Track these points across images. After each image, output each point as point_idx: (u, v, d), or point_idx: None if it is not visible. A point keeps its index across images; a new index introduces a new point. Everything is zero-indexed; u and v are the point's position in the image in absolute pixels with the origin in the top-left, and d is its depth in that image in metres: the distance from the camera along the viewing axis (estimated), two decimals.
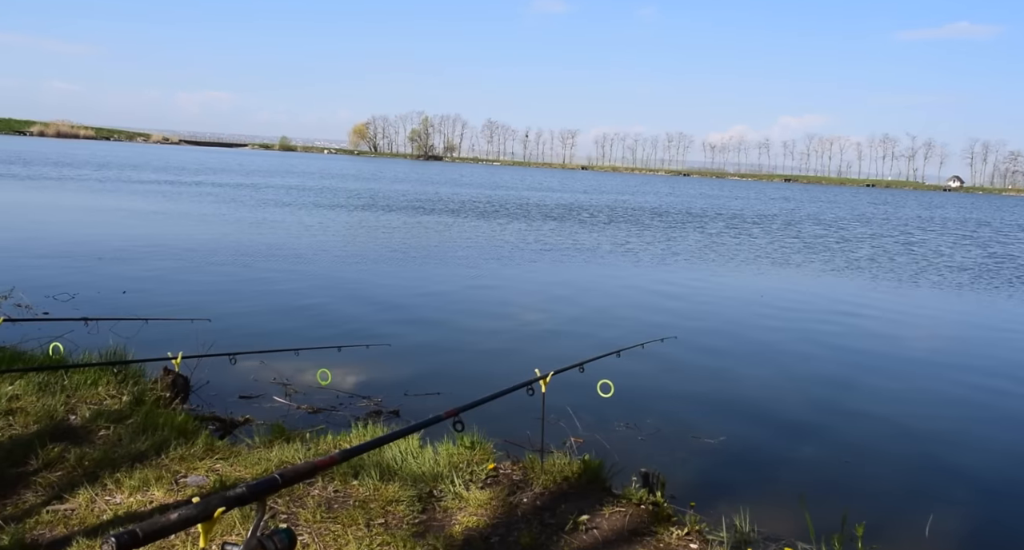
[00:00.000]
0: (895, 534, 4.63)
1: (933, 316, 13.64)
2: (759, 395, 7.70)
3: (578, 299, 12.83)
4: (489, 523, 3.93)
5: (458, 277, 14.23)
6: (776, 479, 5.59)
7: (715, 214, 39.03)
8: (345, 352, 7.25)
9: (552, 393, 5.85)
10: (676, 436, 6.25)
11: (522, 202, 40.61)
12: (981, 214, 58.98)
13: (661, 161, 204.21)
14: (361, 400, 6.71)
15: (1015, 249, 27.61)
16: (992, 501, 5.44)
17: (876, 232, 32.91)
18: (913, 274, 18.44)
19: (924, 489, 5.54)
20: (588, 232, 24.92)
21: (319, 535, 3.63)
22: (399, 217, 26.77)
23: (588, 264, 17.06)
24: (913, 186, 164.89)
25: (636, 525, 3.99)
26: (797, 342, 10.16)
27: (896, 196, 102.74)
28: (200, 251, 15.26)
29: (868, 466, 5.91)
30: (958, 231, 36.10)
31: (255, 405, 6.44)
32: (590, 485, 4.47)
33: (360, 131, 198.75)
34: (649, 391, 7.46)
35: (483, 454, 4.79)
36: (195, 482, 4.01)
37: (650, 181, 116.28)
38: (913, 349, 10.44)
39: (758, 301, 13.47)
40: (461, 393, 6.30)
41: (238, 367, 6.61)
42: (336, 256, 15.90)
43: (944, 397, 7.95)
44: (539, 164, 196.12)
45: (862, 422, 6.97)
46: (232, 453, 4.56)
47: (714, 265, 18.20)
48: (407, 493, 4.13)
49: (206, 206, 26.43)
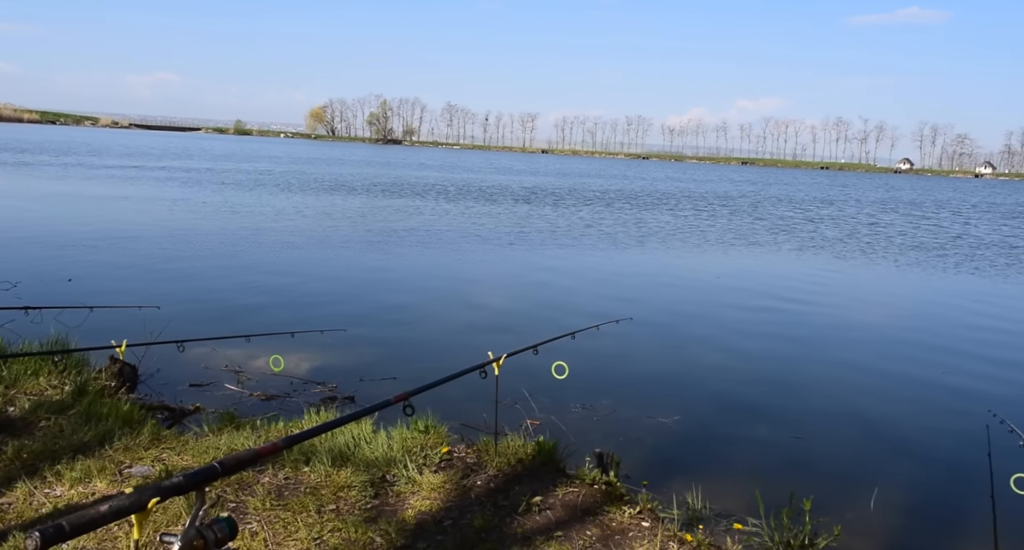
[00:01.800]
0: (841, 508, 4.73)
1: (888, 295, 13.97)
2: (713, 375, 7.81)
3: (537, 282, 12.85)
4: (442, 507, 3.92)
5: (415, 261, 14.13)
6: (728, 457, 5.68)
7: (682, 196, 39.39)
8: (299, 338, 7.14)
9: (508, 376, 5.84)
10: (631, 416, 6.31)
11: (485, 186, 40.48)
12: (939, 195, 60.78)
13: (620, 144, 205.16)
14: (315, 386, 6.64)
15: (973, 229, 28.41)
16: (932, 474, 5.62)
17: (839, 214, 33.61)
18: (871, 254, 18.87)
19: (870, 464, 5.68)
20: (549, 215, 24.94)
21: (268, 523, 3.58)
22: (357, 201, 26.46)
23: (546, 247, 17.08)
24: (865, 168, 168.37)
25: (589, 505, 4.02)
26: (751, 322, 10.32)
27: (853, 178, 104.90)
28: (152, 237, 14.90)
29: (817, 443, 6.04)
30: (916, 212, 37.02)
31: (206, 393, 6.32)
32: (544, 466, 4.48)
33: (317, 115, 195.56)
34: (605, 372, 7.51)
35: (437, 438, 4.77)
36: (140, 473, 3.92)
37: (612, 164, 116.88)
38: (866, 328, 10.68)
39: (715, 282, 13.64)
40: (417, 378, 6.18)
41: (188, 355, 6.47)
42: (291, 241, 15.65)
43: (892, 375, 8.14)
44: (499, 148, 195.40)
45: (812, 400, 7.12)
46: (180, 442, 4.47)
47: (673, 247, 18.37)
48: (359, 478, 4.09)
49: (162, 190, 25.81)
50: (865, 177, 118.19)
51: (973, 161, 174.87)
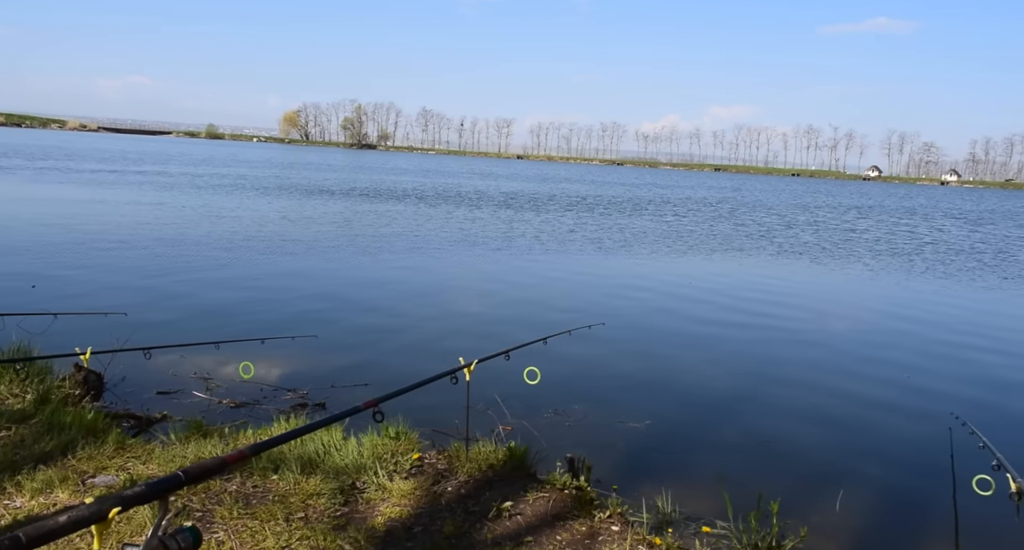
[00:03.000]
0: (808, 510, 4.79)
1: (858, 299, 14.17)
2: (684, 379, 7.87)
3: (509, 288, 12.85)
4: (412, 513, 3.91)
5: (388, 267, 14.07)
6: (698, 461, 5.72)
7: (662, 202, 39.66)
8: (269, 345, 7.09)
9: (480, 382, 5.85)
10: (603, 421, 6.34)
11: (463, 190, 40.44)
12: (910, 202, 62.05)
13: (595, 150, 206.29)
14: (286, 393, 6.58)
15: (944, 235, 28.93)
16: (897, 476, 5.70)
17: (816, 219, 34.07)
18: (843, 259, 19.13)
19: (836, 467, 5.76)
20: (529, 220, 24.97)
21: (235, 532, 3.54)
22: (332, 206, 26.29)
23: (523, 253, 17.09)
24: (835, 175, 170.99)
25: (559, 510, 4.02)
26: (723, 327, 10.41)
27: (825, 185, 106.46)
28: (122, 242, 14.67)
29: (785, 446, 6.11)
30: (890, 218, 37.61)
31: (174, 401, 6.23)
32: (515, 472, 4.48)
33: (291, 119, 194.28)
34: (577, 377, 7.54)
35: (408, 444, 4.76)
36: (103, 482, 3.86)
37: (589, 170, 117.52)
38: (835, 332, 10.82)
39: (687, 287, 13.75)
40: (389, 384, 6.19)
41: (156, 362, 6.40)
42: (264, 247, 15.50)
43: (860, 378, 8.26)
44: (475, 153, 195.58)
45: (781, 404, 7.20)
46: (145, 451, 4.41)
47: (651, 253, 18.48)
48: (329, 486, 4.06)
49: (138, 195, 25.41)
50: (836, 184, 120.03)
51: (939, 169, 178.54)
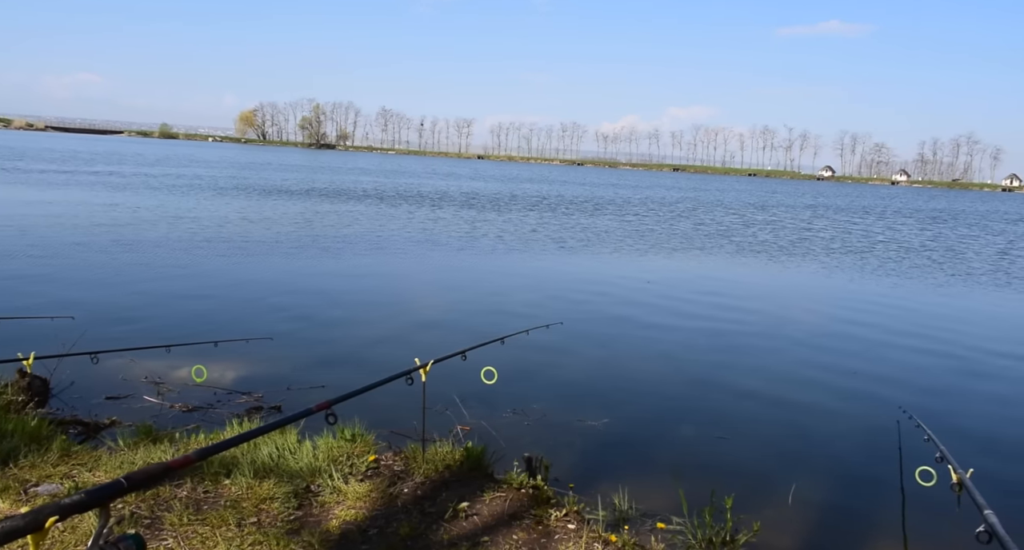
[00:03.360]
0: (762, 504, 4.87)
1: (812, 297, 14.45)
2: (641, 378, 7.94)
3: (469, 288, 12.83)
4: (368, 515, 3.87)
5: (347, 268, 13.94)
6: (654, 458, 5.77)
7: (623, 202, 39.94)
8: (223, 348, 6.96)
9: (438, 383, 5.83)
10: (561, 420, 6.36)
11: (425, 191, 40.25)
12: (866, 201, 63.54)
13: (556, 151, 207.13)
14: (240, 396, 6.47)
15: (897, 234, 29.66)
16: (848, 470, 5.83)
17: (774, 218, 34.67)
18: (799, 257, 19.50)
19: (789, 462, 5.86)
20: (484, 220, 24.95)
21: (185, 538, 3.47)
22: (290, 206, 25.93)
23: (483, 253, 17.08)
24: (790, 175, 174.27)
25: (516, 509, 4.03)
26: (680, 325, 10.53)
27: (781, 185, 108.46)
28: (71, 244, 14.28)
29: (739, 442, 6.20)
30: (844, 217, 38.45)
31: (123, 406, 6.08)
32: (472, 472, 4.47)
33: (247, 118, 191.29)
34: (535, 377, 7.56)
35: (364, 446, 4.72)
36: (47, 491, 3.74)
37: (550, 170, 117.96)
38: (789, 329, 11.00)
39: (645, 287, 13.88)
40: (347, 385, 6.12)
41: (105, 366, 6.24)
42: (218, 248, 15.22)
43: (812, 375, 8.43)
44: (435, 153, 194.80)
45: (735, 401, 7.31)
46: (92, 458, 4.29)
47: (612, 252, 18.62)
48: (283, 490, 4.01)
49: (90, 196, 24.73)
50: (791, 184, 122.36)
51: (890, 169, 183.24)
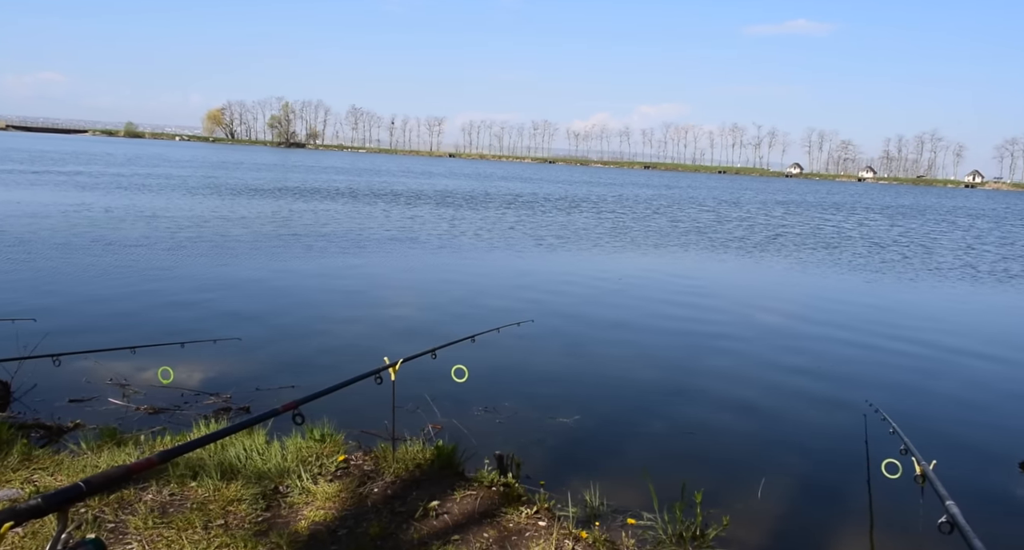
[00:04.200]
0: (731, 499, 4.92)
1: (782, 292, 14.63)
2: (612, 375, 7.98)
3: (441, 286, 12.79)
4: (337, 516, 3.84)
5: (317, 267, 13.82)
6: (625, 454, 5.81)
7: (598, 199, 40.08)
8: (190, 348, 6.87)
9: (409, 381, 5.81)
10: (533, 418, 6.37)
11: (399, 189, 40.04)
12: (835, 198, 64.67)
13: (527, 148, 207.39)
14: (208, 397, 6.38)
15: (870, 230, 30.15)
16: (816, 463, 5.92)
17: (747, 215, 35.04)
18: (769, 252, 19.73)
19: (758, 456, 5.93)
20: (461, 218, 24.89)
21: (150, 542, 3.41)
22: (262, 206, 25.65)
23: (456, 251, 17.04)
24: (759, 172, 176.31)
25: (486, 507, 4.02)
26: (651, 323, 10.60)
27: (753, 182, 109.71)
28: (33, 245, 13.98)
29: (708, 437, 6.26)
30: (816, 213, 38.99)
31: (87, 408, 5.97)
32: (443, 471, 4.46)
33: (215, 117, 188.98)
34: (506, 375, 7.56)
35: (334, 446, 4.68)
36: (6, 496, 3.66)
37: (523, 168, 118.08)
38: (758, 325, 11.13)
39: (617, 284, 13.95)
40: (317, 385, 6.07)
41: (68, 369, 6.14)
42: (184, 248, 15.01)
43: (781, 369, 8.53)
44: (406, 152, 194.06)
45: (704, 396, 7.38)
46: (53, 462, 4.21)
47: (585, 249, 18.67)
48: (250, 491, 3.96)
49: (53, 196, 24.22)
50: (761, 181, 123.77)
51: (856, 166, 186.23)
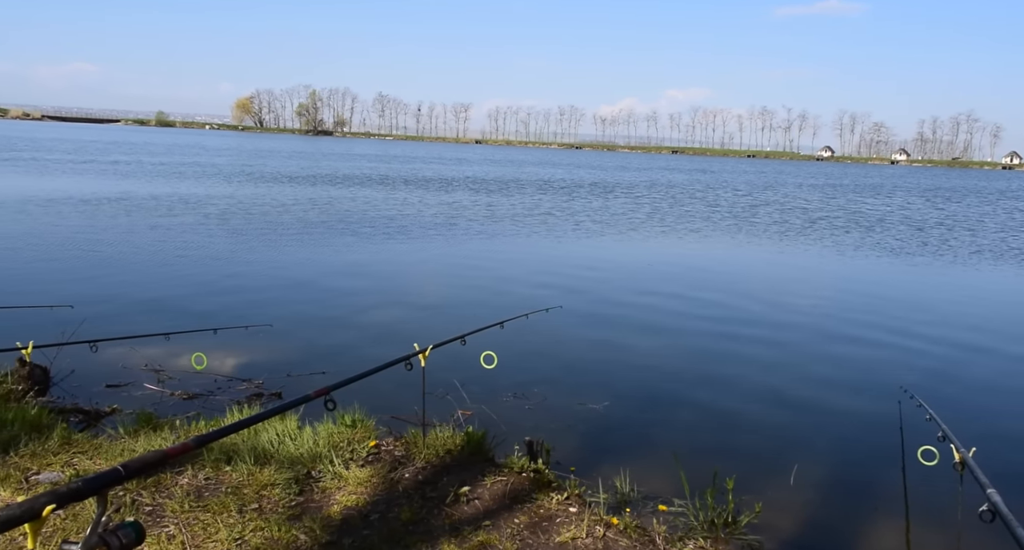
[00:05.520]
0: (763, 486, 4.88)
1: (814, 276, 14.42)
2: (641, 361, 7.94)
3: (471, 272, 12.81)
4: (369, 501, 3.87)
5: (344, 254, 13.91)
6: (655, 440, 5.78)
7: (641, 184, 39.87)
8: (222, 335, 6.95)
9: (439, 367, 5.82)
10: (561, 404, 6.36)
11: (432, 176, 40.13)
12: (872, 180, 63.98)
13: (554, 134, 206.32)
14: (241, 383, 6.47)
15: (912, 213, 29.63)
16: (849, 450, 5.84)
17: (783, 199, 34.62)
18: (811, 239, 19.46)
19: (790, 443, 5.87)
20: (478, 205, 24.88)
21: (187, 525, 3.47)
22: (293, 192, 25.88)
23: (486, 237, 17.04)
24: (789, 156, 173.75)
25: (517, 493, 4.03)
26: (682, 309, 10.52)
27: (788, 166, 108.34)
28: (72, 233, 14.24)
29: (740, 424, 6.20)
30: (849, 196, 38.41)
31: (123, 394, 6.09)
32: (473, 457, 4.47)
33: (244, 106, 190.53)
34: (536, 361, 7.55)
35: (365, 432, 4.71)
36: (48, 479, 3.75)
37: (553, 154, 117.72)
38: (793, 311, 10.99)
39: (646, 270, 13.86)
40: (347, 371, 6.11)
41: (105, 355, 6.23)
42: (217, 236, 15.19)
43: (814, 355, 8.43)
44: (432, 138, 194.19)
45: (736, 383, 7.31)
46: (92, 446, 4.29)
47: (616, 235, 18.57)
48: (283, 476, 4.00)
49: (78, 185, 24.66)
50: (793, 164, 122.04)
51: (889, 148, 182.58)
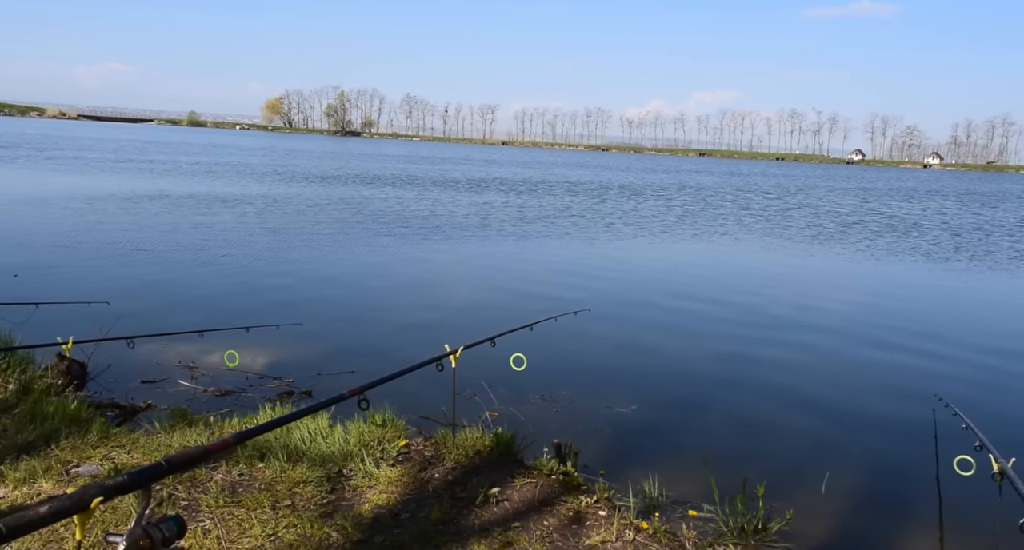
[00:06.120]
0: (794, 493, 4.83)
1: (845, 282, 14.24)
2: (670, 365, 7.91)
3: (499, 274, 12.84)
4: (400, 500, 3.90)
5: (377, 254, 14.01)
6: (684, 445, 5.75)
7: (659, 187, 39.70)
8: (254, 332, 7.04)
9: (467, 369, 5.83)
10: (589, 407, 6.35)
11: (464, 177, 40.28)
12: (905, 184, 63.25)
13: (580, 136, 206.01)
14: (272, 381, 6.55)
15: (948, 217, 29.17)
16: (882, 458, 5.76)
17: (816, 203, 34.26)
18: (841, 243, 19.24)
19: (821, 450, 5.81)
20: (507, 206, 24.92)
21: (222, 520, 3.52)
22: (319, 192, 26.12)
23: (517, 239, 17.07)
24: (819, 159, 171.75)
25: (546, 495, 4.03)
26: (712, 312, 10.45)
27: (818, 169, 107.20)
28: (101, 232, 14.51)
29: (771, 430, 6.15)
30: (883, 199, 37.90)
31: (158, 390, 6.19)
32: (502, 458, 4.49)
33: (274, 106, 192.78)
34: (563, 363, 7.55)
35: (395, 431, 4.75)
36: (87, 472, 3.82)
37: (582, 156, 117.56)
38: (821, 315, 10.87)
39: (675, 273, 13.79)
40: (376, 371, 6.12)
41: (140, 351, 6.34)
42: (248, 235, 15.39)
43: (845, 361, 8.33)
44: (459, 140, 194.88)
45: (766, 388, 7.25)
46: (129, 440, 4.37)
47: (641, 239, 18.50)
48: (315, 474, 4.05)
49: (117, 184, 25.11)
50: (823, 168, 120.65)
51: (922, 152, 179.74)
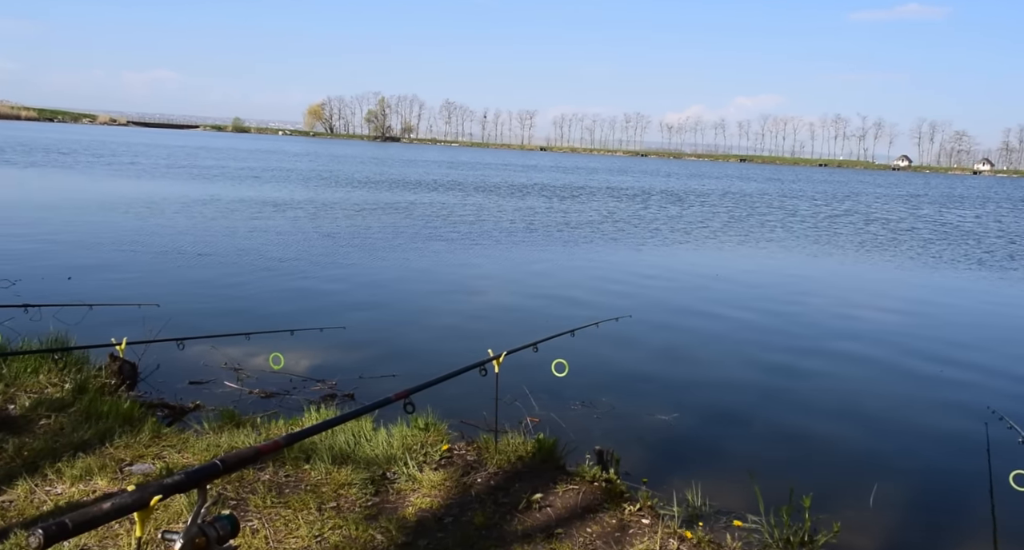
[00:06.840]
0: (841, 505, 4.74)
1: (893, 290, 13.94)
2: (712, 372, 7.82)
3: (541, 279, 12.84)
4: (443, 504, 3.93)
5: (415, 259, 14.12)
6: (728, 454, 5.68)
7: (702, 193, 39.40)
8: (298, 336, 7.15)
9: (508, 373, 5.84)
10: (630, 414, 6.32)
11: (507, 182, 40.46)
12: (960, 191, 62.18)
13: (619, 142, 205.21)
14: (315, 384, 6.64)
15: (1003, 225, 28.45)
16: (932, 471, 5.62)
17: (866, 209, 33.67)
18: (891, 251, 18.85)
19: (869, 461, 5.68)
20: (550, 212, 24.92)
21: (269, 520, 3.58)
22: (362, 197, 26.45)
23: (557, 244, 17.06)
24: (863, 165, 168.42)
25: (589, 502, 4.02)
26: (754, 321, 10.31)
27: (864, 175, 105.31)
28: (152, 235, 14.88)
29: (817, 440, 6.04)
30: (934, 207, 37.06)
31: (205, 391, 6.32)
32: (544, 464, 4.48)
33: (315, 112, 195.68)
34: (604, 370, 7.51)
35: (437, 435, 4.78)
36: (140, 470, 3.92)
37: (622, 161, 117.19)
38: (867, 324, 10.66)
39: (714, 280, 13.64)
40: (417, 375, 6.17)
41: (188, 352, 6.48)
42: (294, 239, 15.64)
43: (892, 371, 8.14)
44: (498, 145, 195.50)
45: (812, 397, 7.12)
46: (180, 440, 4.48)
47: (686, 245, 18.36)
48: (360, 476, 4.10)
49: (172, 188, 25.76)
50: (868, 174, 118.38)
51: (971, 158, 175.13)
